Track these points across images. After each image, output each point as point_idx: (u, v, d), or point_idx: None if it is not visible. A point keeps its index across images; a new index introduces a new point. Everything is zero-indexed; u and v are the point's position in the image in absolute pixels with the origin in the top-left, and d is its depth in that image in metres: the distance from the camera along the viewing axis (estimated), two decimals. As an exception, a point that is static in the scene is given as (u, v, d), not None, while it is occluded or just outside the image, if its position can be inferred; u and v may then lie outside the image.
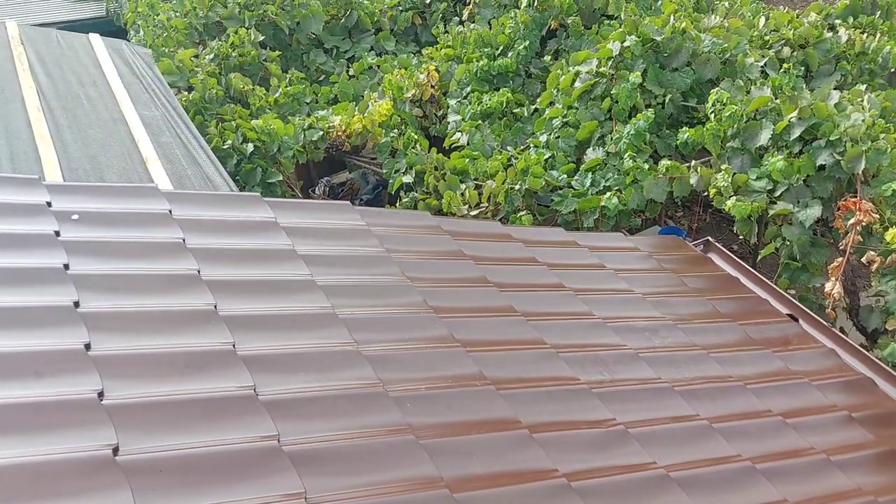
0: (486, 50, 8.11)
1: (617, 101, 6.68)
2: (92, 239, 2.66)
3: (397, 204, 6.86)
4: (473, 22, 9.09)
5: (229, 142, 6.53)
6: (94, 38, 4.92)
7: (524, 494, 2.16)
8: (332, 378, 2.35)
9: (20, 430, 1.81)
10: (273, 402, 2.17)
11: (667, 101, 6.68)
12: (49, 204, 2.77)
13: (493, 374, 2.64)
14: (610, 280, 3.71)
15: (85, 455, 1.79)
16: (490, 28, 8.50)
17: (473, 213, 6.21)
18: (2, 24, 4.74)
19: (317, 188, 9.17)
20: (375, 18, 9.38)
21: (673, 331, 3.40)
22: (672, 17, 7.25)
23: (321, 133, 7.16)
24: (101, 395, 1.98)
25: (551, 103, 7.21)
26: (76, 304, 2.29)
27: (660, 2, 8.44)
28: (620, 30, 7.23)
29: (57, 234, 2.61)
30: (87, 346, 2.13)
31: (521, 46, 7.92)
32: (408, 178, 6.83)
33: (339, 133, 7.26)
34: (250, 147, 6.64)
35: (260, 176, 6.60)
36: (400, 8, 9.55)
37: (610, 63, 6.97)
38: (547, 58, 8.04)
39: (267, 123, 6.83)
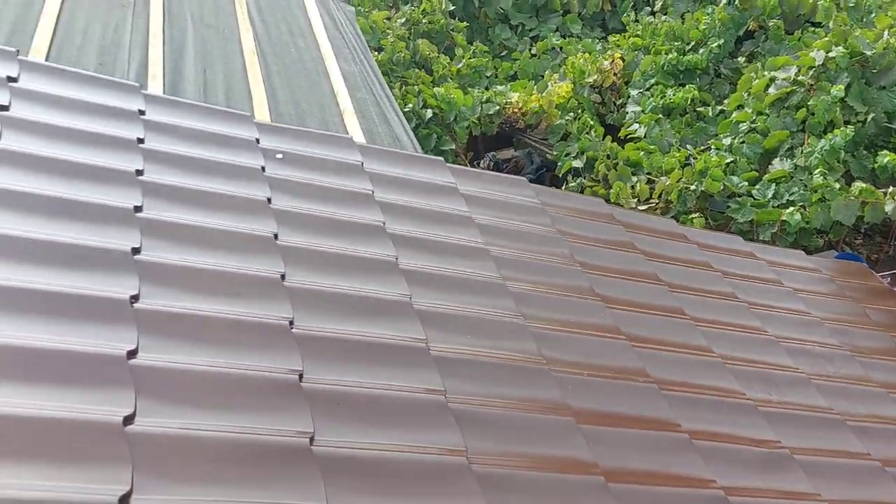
0: (676, 43, 7.86)
1: (813, 114, 6.31)
2: (292, 178, 2.82)
3: (563, 188, 6.82)
4: (665, 13, 8.82)
5: (410, 105, 6.71)
6: (306, -10, 5.18)
7: (679, 499, 2.13)
8: (498, 346, 2.40)
9: (217, 343, 1.96)
10: (442, 358, 2.24)
11: (868, 119, 6.24)
12: (258, 141, 2.96)
13: (656, 373, 2.60)
14: (787, 298, 3.55)
15: (272, 376, 1.92)
16: (683, 21, 8.22)
17: (642, 207, 6.08)
18: (226, -32, 5.07)
19: (482, 161, 9.27)
20: (565, 0, 9.29)
21: (850, 362, 3.22)
22: (886, 32, 6.74)
23: (497, 108, 7.21)
24: (291, 323, 2.11)
25: (740, 106, 6.91)
26: (275, 237, 2.45)
27: (874, 14, 7.85)
28: (826, 38, 6.80)
29: (263, 169, 2.79)
30: (283, 276, 2.28)
31: (715, 44, 7.61)
32: (577, 163, 6.77)
33: (515, 110, 7.29)
34: (429, 113, 6.80)
35: (434, 142, 6.74)
36: (592, -8, 9.40)
37: (811, 72, 6.58)
38: (741, 59, 7.69)
39: (448, 92, 6.95)
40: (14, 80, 2.70)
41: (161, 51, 3.55)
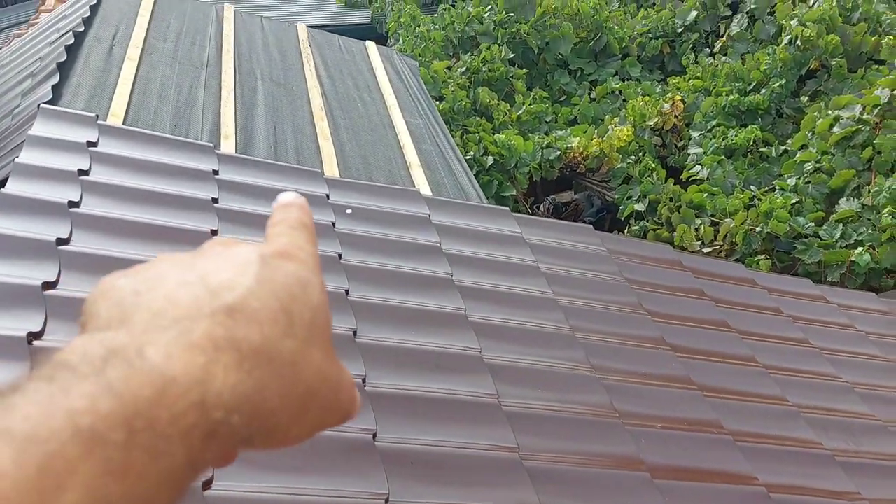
0: (737, 84, 7.78)
1: (880, 152, 6.15)
2: (361, 233, 2.87)
3: (626, 231, 6.76)
4: (725, 55, 8.76)
5: (471, 152, 6.78)
6: (370, 45, 5.31)
7: (762, 557, 2.06)
8: (570, 400, 2.37)
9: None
10: (514, 413, 2.23)
11: (941, 156, 6.05)
12: (328, 196, 3.03)
13: (731, 424, 2.54)
14: (860, 343, 3.43)
15: (347, 436, 1.93)
16: (743, 62, 8.15)
17: (706, 249, 5.98)
18: (293, 26, 5.25)
19: (542, 205, 9.26)
20: (624, 44, 9.31)
21: (929, 409, 3.08)
22: (958, 67, 6.56)
23: (558, 153, 7.23)
24: (364, 381, 2.13)
25: (804, 146, 6.78)
26: (346, 292, 2.49)
27: (943, 48, 7.65)
28: (892, 77, 6.65)
29: (333, 224, 2.85)
30: (355, 333, 2.31)
31: (777, 84, 7.52)
32: (640, 206, 6.72)
33: (576, 154, 7.29)
34: (490, 159, 6.85)
35: (495, 188, 6.78)
36: (650, 35, 9.40)
37: (876, 111, 6.43)
38: (803, 98, 7.57)
39: (508, 139, 7.01)
40: (94, 144, 2.83)
41: (233, 109, 3.68)
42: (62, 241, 2.21)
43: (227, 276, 0.44)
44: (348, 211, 2.96)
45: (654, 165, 7.08)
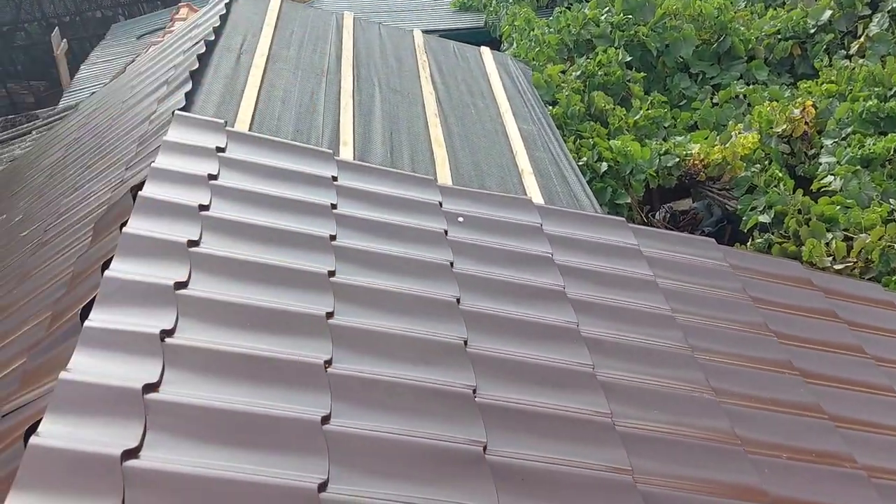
0: (876, 89, 7.30)
1: None
2: (473, 242, 2.86)
3: (748, 244, 6.46)
4: (863, 57, 8.24)
5: (584, 159, 6.66)
6: (485, 51, 5.31)
7: None
8: (687, 423, 2.28)
9: (404, 410, 1.99)
10: (628, 434, 2.15)
11: None
12: (440, 204, 3.03)
13: (865, 459, 2.36)
14: None
15: (457, 447, 1.91)
16: (883, 65, 7.64)
17: (838, 266, 5.64)
18: (410, 32, 5.31)
19: (658, 213, 9.00)
20: (750, 46, 8.91)
21: None
22: None
23: (677, 160, 6.99)
24: (474, 391, 2.11)
25: (950, 156, 6.29)
26: (458, 301, 2.48)
27: None
28: None
29: (445, 233, 2.85)
30: (465, 342, 2.29)
31: (921, 89, 7.00)
32: (764, 218, 6.40)
33: (696, 161, 7.03)
34: (604, 166, 6.71)
35: (609, 195, 6.63)
36: (779, 36, 8.96)
37: None
38: (951, 104, 7.02)
39: (624, 145, 6.84)
40: (222, 150, 2.94)
41: (352, 116, 3.75)
42: (193, 244, 2.31)
43: None
44: (460, 219, 2.96)
45: (781, 175, 6.73)
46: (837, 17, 8.75)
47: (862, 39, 8.48)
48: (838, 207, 6.08)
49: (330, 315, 2.21)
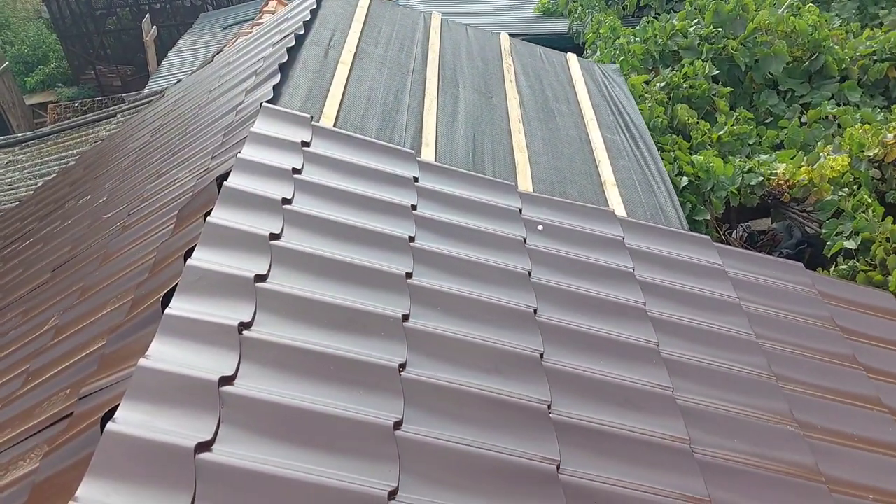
0: (978, 115, 6.94)
1: None
2: (552, 251, 2.80)
3: (831, 270, 6.21)
4: (966, 81, 7.85)
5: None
6: (571, 57, 5.23)
7: None
8: (769, 455, 2.17)
9: (476, 421, 1.94)
10: (706, 462, 2.07)
11: None
12: (520, 211, 2.98)
13: (958, 507, 2.22)
14: None
15: (530, 464, 1.86)
16: None
17: (927, 300, 5.37)
18: (497, 35, 5.26)
19: (735, 231, 8.75)
20: (844, 66, 8.59)
21: None
22: None
23: (761, 178, 6.77)
24: (549, 407, 2.06)
25: None
26: (535, 312, 2.42)
27: None
28: None
29: (524, 240, 2.80)
30: (542, 355, 2.24)
31: None
32: (850, 244, 6.14)
33: (781, 181, 6.80)
34: (684, 181, 6.54)
35: (688, 211, 6.46)
36: (874, 58, 8.61)
37: None
38: None
39: (707, 160, 6.66)
40: (307, 144, 2.95)
41: (435, 117, 3.72)
42: (274, 237, 2.31)
43: None
44: (540, 227, 2.90)
45: (870, 201, 6.45)
46: (940, 38, 8.36)
47: (965, 63, 8.07)
48: (932, 238, 5.79)
49: (406, 318, 2.18)
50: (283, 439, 1.68)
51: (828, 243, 6.35)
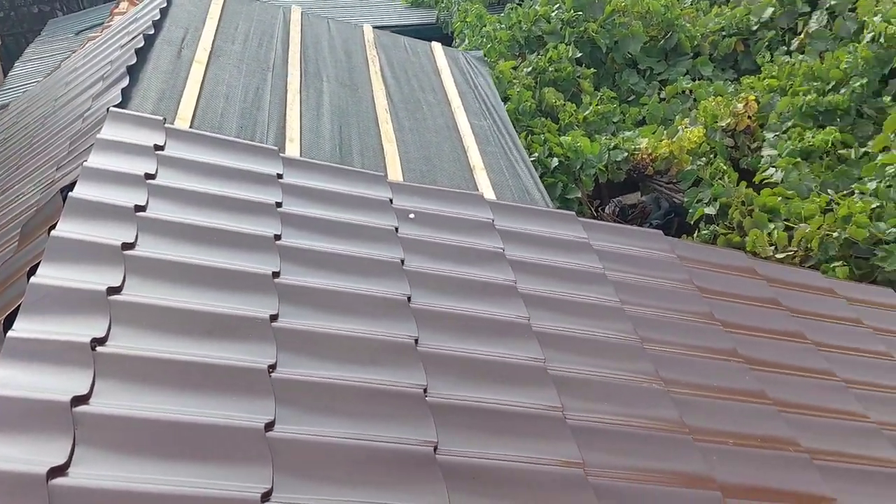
0: (815, 84, 7.47)
1: (971, 154, 5.81)
2: (425, 238, 2.83)
3: (695, 235, 6.56)
4: (803, 53, 8.42)
5: (535, 154, 6.67)
6: (436, 46, 5.28)
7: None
8: (637, 414, 2.28)
9: (352, 414, 1.95)
10: (579, 427, 2.15)
11: None
12: (391, 201, 2.99)
13: (808, 442, 2.40)
14: (949, 357, 3.23)
15: (408, 448, 1.88)
16: (822, 61, 7.82)
17: (780, 255, 5.75)
18: (360, 27, 5.25)
19: (607, 207, 9.09)
20: (695, 42, 9.05)
21: None
22: None
23: (626, 154, 7.06)
24: (425, 391, 2.08)
25: (886, 148, 6.46)
26: (409, 299, 2.44)
27: None
28: None
29: (396, 229, 2.81)
30: (416, 341, 2.26)
31: (858, 84, 7.18)
32: (710, 210, 6.50)
33: (644, 156, 7.11)
34: (555, 161, 6.73)
35: (560, 190, 6.66)
36: (723, 33, 9.11)
37: (968, 109, 6.08)
38: (886, 98, 7.22)
39: (574, 140, 6.88)
40: (161, 148, 2.85)
41: (298, 112, 3.68)
42: (128, 246, 2.22)
43: None
44: (411, 216, 2.93)
45: (725, 168, 6.85)
46: (779, 14, 8.93)
47: (802, 36, 8.66)
48: (780, 199, 6.21)
49: (274, 318, 2.16)
50: (148, 454, 1.63)
51: (690, 210, 6.71)
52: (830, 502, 2.20)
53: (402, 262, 2.62)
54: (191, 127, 3.22)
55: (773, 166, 6.79)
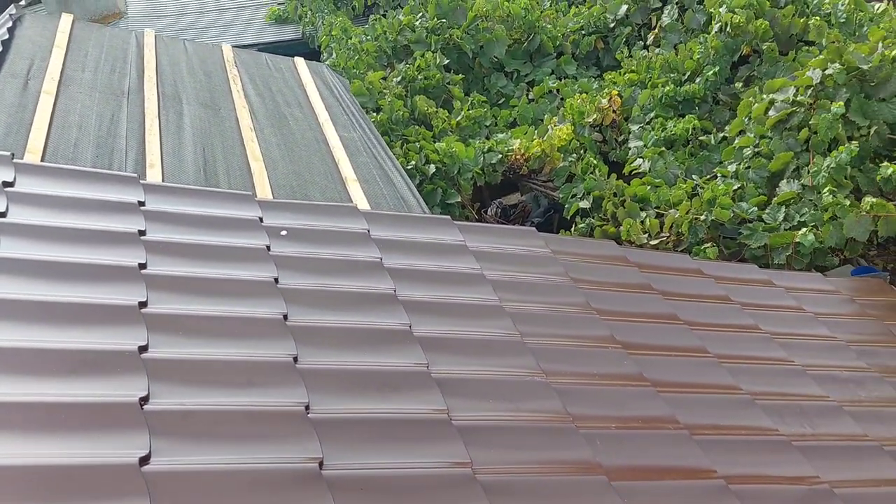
0: (672, 75, 7.88)
1: (816, 132, 6.26)
2: (299, 255, 2.79)
3: (572, 230, 6.77)
4: (658, 46, 8.86)
5: (413, 162, 6.73)
6: (299, 61, 5.23)
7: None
8: (522, 408, 2.33)
9: (233, 438, 1.90)
10: (465, 427, 2.17)
11: (871, 133, 6.19)
12: (261, 220, 2.94)
13: (686, 418, 2.52)
14: (809, 324, 3.46)
15: (293, 467, 1.85)
16: (676, 53, 8.25)
17: (653, 242, 6.02)
18: (218, 47, 5.14)
19: (489, 209, 9.25)
20: (557, 43, 9.37)
21: (881, 384, 3.12)
22: (880, 45, 6.72)
23: (500, 156, 7.22)
24: (307, 408, 2.05)
25: (741, 132, 6.88)
26: (285, 318, 2.40)
27: (866, 28, 7.86)
28: (822, 56, 6.79)
29: (268, 248, 2.76)
30: (295, 359, 2.23)
31: (711, 72, 7.62)
32: (584, 204, 6.74)
33: (518, 157, 7.29)
34: (432, 168, 6.81)
35: (440, 196, 6.74)
36: (583, 32, 9.48)
37: (809, 91, 6.55)
38: (738, 84, 7.69)
39: (449, 146, 6.97)
40: (10, 184, 2.70)
41: (158, 136, 3.57)
42: (-25, 290, 2.09)
43: None
44: (283, 233, 2.88)
45: (595, 162, 7.11)
46: (633, 10, 9.37)
47: (656, 30, 9.12)
48: (649, 188, 6.50)
49: (143, 349, 2.07)
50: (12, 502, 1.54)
51: (566, 206, 6.93)
52: (710, 474, 2.31)
53: (276, 280, 2.57)
54: (42, 160, 3.06)
55: (640, 157, 7.11)
